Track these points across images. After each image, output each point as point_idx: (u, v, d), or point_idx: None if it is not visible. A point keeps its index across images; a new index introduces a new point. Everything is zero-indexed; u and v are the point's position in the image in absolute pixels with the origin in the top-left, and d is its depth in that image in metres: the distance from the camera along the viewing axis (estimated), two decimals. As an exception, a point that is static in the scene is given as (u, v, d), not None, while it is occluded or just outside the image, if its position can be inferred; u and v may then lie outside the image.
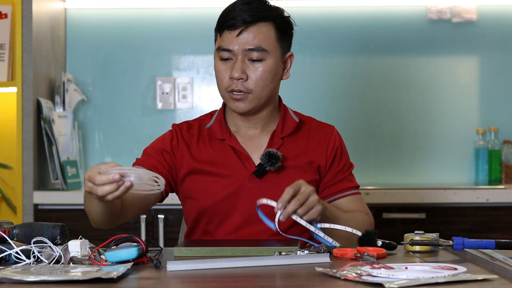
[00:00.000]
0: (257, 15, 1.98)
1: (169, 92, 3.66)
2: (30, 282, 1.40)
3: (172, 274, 1.51)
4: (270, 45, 2.00)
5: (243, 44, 1.97)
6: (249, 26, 1.97)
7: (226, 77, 1.99)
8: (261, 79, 1.98)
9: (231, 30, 1.98)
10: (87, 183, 1.66)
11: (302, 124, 2.11)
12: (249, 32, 1.97)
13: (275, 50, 2.01)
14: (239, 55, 1.98)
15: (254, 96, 1.99)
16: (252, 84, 1.98)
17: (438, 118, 3.66)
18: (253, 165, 2.03)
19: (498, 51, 3.66)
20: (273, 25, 2.01)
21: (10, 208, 3.47)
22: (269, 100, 2.05)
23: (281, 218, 1.76)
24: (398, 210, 3.15)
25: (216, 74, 2.03)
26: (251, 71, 1.98)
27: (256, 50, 1.98)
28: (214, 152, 2.05)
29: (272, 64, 2.00)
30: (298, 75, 3.61)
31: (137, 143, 3.64)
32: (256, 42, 1.97)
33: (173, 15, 3.65)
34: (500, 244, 1.67)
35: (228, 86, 1.99)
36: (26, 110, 3.22)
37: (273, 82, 2.02)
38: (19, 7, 3.24)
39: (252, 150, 2.05)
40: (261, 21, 1.99)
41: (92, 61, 3.68)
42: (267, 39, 1.99)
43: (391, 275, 1.37)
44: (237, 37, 1.97)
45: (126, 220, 2.00)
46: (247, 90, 1.98)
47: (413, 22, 3.66)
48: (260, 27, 1.98)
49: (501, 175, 3.56)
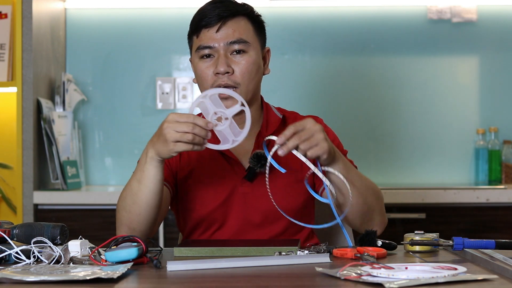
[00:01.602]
0: (232, 10, 1.98)
1: (169, 92, 3.66)
2: (30, 282, 1.40)
3: (172, 274, 1.51)
4: (250, 37, 1.99)
5: (223, 38, 1.96)
6: (227, 21, 1.97)
7: (209, 75, 1.96)
8: (246, 71, 1.96)
9: (209, 27, 1.97)
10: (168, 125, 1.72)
11: (286, 120, 2.08)
12: (227, 26, 1.97)
13: (255, 43, 2.00)
14: (221, 50, 1.96)
15: (242, 90, 1.96)
16: (239, 77, 1.96)
17: (438, 118, 3.66)
18: (242, 170, 2.01)
19: (498, 51, 3.66)
20: (249, 19, 2.00)
21: (10, 208, 3.47)
22: (253, 97, 2.02)
23: (280, 152, 1.71)
24: (398, 210, 3.15)
25: (198, 74, 1.99)
26: (236, 65, 1.96)
27: (238, 43, 1.96)
28: (203, 159, 2.03)
29: (254, 56, 1.99)
30: (298, 75, 3.61)
31: (137, 143, 3.64)
32: (237, 35, 1.97)
33: (173, 15, 3.65)
34: (500, 244, 1.67)
35: (213, 82, 1.96)
36: (26, 110, 3.22)
37: (257, 75, 2.00)
38: (19, 7, 3.24)
39: (240, 155, 2.02)
40: (237, 16, 1.98)
41: (92, 61, 3.68)
42: (246, 31, 1.98)
43: (391, 275, 1.37)
44: (217, 33, 1.96)
45: (155, 230, 1.98)
46: (235, 84, 1.96)
47: (413, 22, 3.66)
48: (238, 21, 1.98)
49: (501, 175, 3.56)
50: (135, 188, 1.86)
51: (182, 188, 2.04)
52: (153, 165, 1.82)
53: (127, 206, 1.88)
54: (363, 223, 1.91)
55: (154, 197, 1.85)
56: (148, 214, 1.87)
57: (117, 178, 3.66)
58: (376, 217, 1.93)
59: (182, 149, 1.74)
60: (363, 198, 1.87)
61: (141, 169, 1.84)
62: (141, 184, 1.84)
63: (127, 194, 1.88)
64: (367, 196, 1.89)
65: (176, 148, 1.74)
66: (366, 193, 1.89)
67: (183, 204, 2.05)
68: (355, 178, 1.86)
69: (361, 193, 1.87)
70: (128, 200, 1.87)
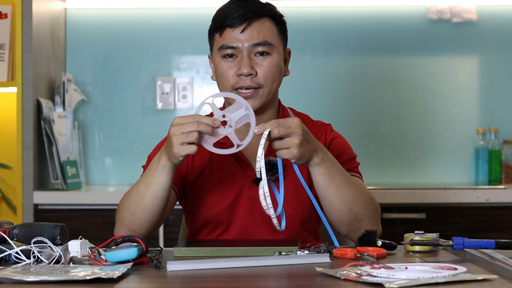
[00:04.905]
0: (257, 11, 1.95)
1: (169, 92, 3.66)
2: (30, 282, 1.40)
3: (172, 274, 1.51)
4: (275, 39, 1.97)
5: (248, 40, 1.94)
6: (252, 22, 1.94)
7: (231, 75, 1.94)
8: (269, 73, 1.95)
9: (234, 27, 1.94)
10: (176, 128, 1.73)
11: None
12: (253, 27, 1.94)
13: (279, 45, 1.99)
14: (245, 51, 1.94)
15: (264, 92, 1.95)
16: (261, 79, 1.94)
17: (438, 118, 3.66)
18: (253, 173, 1.99)
19: (498, 51, 3.66)
20: (273, 20, 1.98)
21: (10, 208, 3.47)
22: (273, 99, 2.01)
23: (256, 130, 1.70)
24: (398, 210, 3.15)
25: (219, 73, 1.97)
26: (259, 67, 1.94)
27: (262, 45, 1.94)
28: (214, 161, 2.02)
29: (278, 59, 1.97)
30: (298, 75, 3.61)
31: (137, 143, 3.64)
32: (262, 37, 1.94)
33: (173, 15, 3.65)
34: (500, 244, 1.67)
35: (236, 83, 1.94)
36: (26, 110, 3.22)
37: (279, 77, 1.99)
38: (19, 7, 3.24)
39: (252, 158, 1.99)
40: (262, 17, 1.96)
41: (92, 61, 3.68)
42: (271, 33, 1.96)
43: (391, 275, 1.37)
44: (241, 33, 1.94)
45: (155, 232, 1.97)
46: (257, 86, 1.94)
47: (413, 22, 3.66)
48: (263, 22, 1.96)
49: (501, 175, 3.56)
50: (142, 192, 1.85)
51: (191, 189, 2.03)
52: (165, 172, 1.81)
53: (131, 208, 1.87)
54: (349, 231, 1.89)
55: (159, 203, 1.85)
56: (151, 219, 1.87)
57: (117, 178, 3.66)
58: (366, 227, 1.85)
59: (186, 152, 1.72)
60: (348, 206, 1.84)
61: (151, 175, 1.83)
62: (148, 189, 1.83)
63: (133, 197, 1.87)
64: (353, 205, 1.85)
65: (181, 151, 1.73)
66: (353, 202, 1.85)
67: (191, 204, 2.04)
68: (342, 185, 1.84)
69: (346, 202, 1.84)
70: (132, 203, 1.86)
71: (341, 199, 1.84)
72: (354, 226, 1.87)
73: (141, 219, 1.86)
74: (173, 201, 2.00)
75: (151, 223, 1.87)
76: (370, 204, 1.90)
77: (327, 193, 1.83)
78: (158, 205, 1.85)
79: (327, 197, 1.84)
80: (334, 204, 1.84)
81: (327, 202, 1.85)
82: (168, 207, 1.96)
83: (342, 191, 1.83)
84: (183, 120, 1.75)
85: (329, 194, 1.83)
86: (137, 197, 1.85)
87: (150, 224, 1.88)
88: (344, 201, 1.84)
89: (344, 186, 1.84)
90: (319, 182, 1.83)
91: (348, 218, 1.86)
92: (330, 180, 1.82)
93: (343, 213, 1.85)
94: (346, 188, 1.84)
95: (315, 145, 1.79)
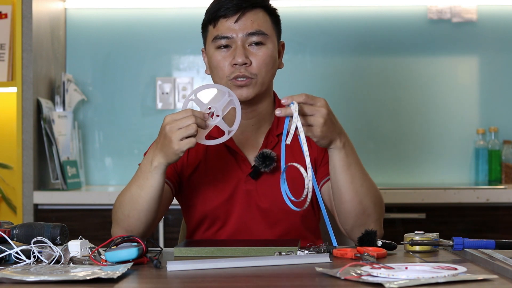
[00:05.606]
0: (251, 1, 1.96)
1: (169, 92, 3.66)
2: (30, 282, 1.40)
3: (172, 274, 1.51)
4: (269, 30, 1.97)
5: (242, 29, 1.94)
6: (246, 12, 1.95)
7: (226, 65, 1.94)
8: (264, 63, 1.95)
9: (228, 17, 1.95)
10: (167, 126, 1.74)
11: None
12: (246, 17, 1.95)
13: (273, 36, 1.99)
14: (239, 41, 1.94)
15: (258, 81, 1.95)
16: (256, 68, 1.94)
17: (438, 118, 3.66)
18: (248, 166, 2.00)
19: (498, 51, 3.66)
20: (266, 11, 1.99)
21: (10, 208, 3.47)
22: (267, 91, 2.01)
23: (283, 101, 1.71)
24: (398, 210, 3.15)
25: (214, 64, 1.97)
26: (253, 56, 1.94)
27: (256, 34, 1.94)
28: (210, 155, 2.03)
29: (272, 49, 1.97)
30: (298, 75, 3.61)
31: (137, 143, 3.64)
32: (256, 27, 1.95)
33: (173, 15, 3.65)
34: (500, 244, 1.67)
35: (231, 73, 1.94)
36: (26, 110, 3.22)
37: (273, 68, 1.99)
38: (19, 7, 3.24)
39: (248, 151, 2.01)
40: (256, 7, 1.96)
41: (92, 61, 3.68)
42: (265, 23, 1.97)
43: (391, 275, 1.37)
44: (235, 23, 1.94)
45: (152, 231, 1.97)
46: (251, 75, 1.94)
47: (413, 22, 3.66)
48: (257, 12, 1.96)
49: (501, 175, 3.56)
50: (135, 194, 1.85)
51: (187, 184, 2.03)
52: (159, 173, 1.81)
53: (126, 211, 1.87)
54: (355, 226, 1.87)
55: (154, 203, 1.85)
56: (147, 219, 1.87)
57: (117, 178, 3.66)
58: (371, 225, 1.86)
59: (187, 146, 1.74)
60: (359, 197, 1.84)
61: (144, 177, 1.83)
62: (142, 191, 1.83)
63: (126, 199, 1.87)
64: (364, 198, 1.84)
65: (182, 147, 1.74)
66: (365, 196, 1.84)
67: (187, 200, 2.04)
68: (357, 175, 1.83)
69: (358, 193, 1.83)
70: (127, 205, 1.86)
71: (354, 189, 1.83)
72: (360, 221, 1.86)
73: (137, 221, 1.86)
74: (169, 198, 2.01)
75: (147, 223, 1.88)
76: (379, 203, 1.90)
77: (342, 179, 1.82)
78: (153, 205, 1.85)
79: (341, 184, 1.83)
80: (346, 193, 1.83)
81: (339, 190, 1.84)
82: (164, 205, 1.96)
83: (356, 182, 1.83)
84: (177, 116, 1.76)
85: (343, 181, 1.82)
86: (132, 199, 1.86)
87: (146, 224, 1.88)
88: (357, 192, 1.83)
89: (359, 177, 1.84)
90: (336, 167, 1.82)
91: (357, 210, 1.85)
92: (347, 167, 1.82)
93: (353, 204, 1.84)
94: (360, 179, 1.84)
95: (339, 128, 1.81)
